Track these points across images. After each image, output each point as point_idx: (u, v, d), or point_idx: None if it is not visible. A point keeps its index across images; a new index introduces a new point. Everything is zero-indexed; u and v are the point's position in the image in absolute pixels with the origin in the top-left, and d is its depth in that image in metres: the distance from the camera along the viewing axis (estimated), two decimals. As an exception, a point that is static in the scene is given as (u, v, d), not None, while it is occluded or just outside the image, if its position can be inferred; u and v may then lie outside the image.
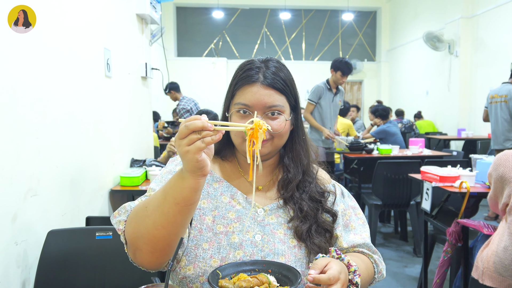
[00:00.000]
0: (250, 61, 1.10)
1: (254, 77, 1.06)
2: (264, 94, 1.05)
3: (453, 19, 8.02)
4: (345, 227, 1.13)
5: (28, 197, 1.60)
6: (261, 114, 1.05)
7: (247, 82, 1.06)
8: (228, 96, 1.11)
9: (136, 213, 0.94)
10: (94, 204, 2.30)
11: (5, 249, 1.47)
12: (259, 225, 1.06)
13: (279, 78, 1.07)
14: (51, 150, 1.79)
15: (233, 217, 1.07)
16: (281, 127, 1.06)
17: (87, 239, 1.58)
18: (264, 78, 1.05)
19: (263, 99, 1.04)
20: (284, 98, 1.08)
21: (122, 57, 2.80)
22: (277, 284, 0.92)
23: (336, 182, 1.23)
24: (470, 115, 7.82)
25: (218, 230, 1.04)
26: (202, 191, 1.03)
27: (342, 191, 1.20)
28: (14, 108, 1.52)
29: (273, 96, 1.05)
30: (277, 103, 1.06)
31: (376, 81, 12.23)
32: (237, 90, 1.08)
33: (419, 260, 3.62)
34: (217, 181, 1.12)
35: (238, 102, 1.06)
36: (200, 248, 1.01)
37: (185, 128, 0.81)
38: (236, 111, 1.06)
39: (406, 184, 3.73)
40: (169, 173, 1.11)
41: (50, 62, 1.79)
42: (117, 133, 2.70)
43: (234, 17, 11.77)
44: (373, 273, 1.10)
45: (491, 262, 1.83)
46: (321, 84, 4.44)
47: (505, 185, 1.88)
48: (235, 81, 1.10)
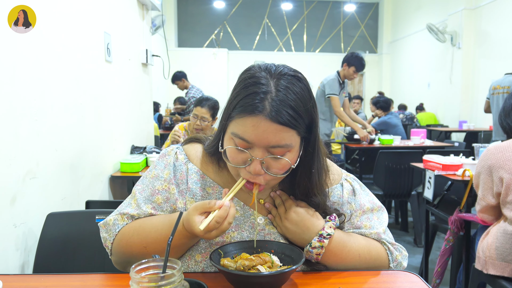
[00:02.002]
0: (256, 76, 0.87)
1: (258, 106, 0.83)
2: (269, 131, 0.84)
3: (456, 10, 7.96)
4: (356, 229, 1.04)
5: (27, 180, 1.58)
6: (261, 152, 0.87)
7: (249, 112, 0.84)
8: (225, 115, 0.92)
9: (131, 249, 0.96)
10: (94, 189, 2.28)
11: (4, 232, 1.45)
12: (258, 235, 0.98)
13: (288, 107, 0.84)
14: (51, 133, 1.77)
15: None
16: (282, 170, 0.90)
17: (86, 222, 1.55)
18: (271, 109, 0.83)
19: (267, 138, 0.85)
20: (294, 133, 0.87)
21: (123, 43, 2.77)
22: (280, 263, 0.91)
23: (348, 175, 1.09)
24: (472, 107, 7.79)
25: (214, 240, 0.96)
26: (195, 197, 1.00)
27: (353, 188, 1.06)
28: (13, 89, 1.49)
29: (279, 134, 0.85)
30: (283, 142, 0.86)
31: (378, 73, 12.18)
32: (235, 115, 0.87)
33: (420, 250, 3.61)
34: (210, 186, 1.01)
35: (236, 133, 0.87)
36: (192, 260, 0.97)
37: (217, 223, 0.83)
38: (232, 144, 0.89)
39: (407, 174, 3.72)
40: (156, 179, 1.01)
41: (49, 44, 1.76)
42: (118, 119, 2.68)
43: (236, 7, 11.69)
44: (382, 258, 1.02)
45: (493, 249, 1.82)
46: (334, 77, 4.37)
47: (493, 172, 1.86)
48: (235, 101, 0.88)
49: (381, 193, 3.81)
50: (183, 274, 0.65)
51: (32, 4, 1.61)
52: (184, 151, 1.05)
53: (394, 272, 0.97)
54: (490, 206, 1.93)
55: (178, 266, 0.65)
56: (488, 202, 1.91)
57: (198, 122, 2.80)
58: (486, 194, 1.92)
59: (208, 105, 2.78)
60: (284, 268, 0.87)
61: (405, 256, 1.05)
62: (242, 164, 0.89)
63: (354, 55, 4.29)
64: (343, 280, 0.92)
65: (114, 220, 1.00)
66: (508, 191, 1.81)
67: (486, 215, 1.97)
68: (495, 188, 1.86)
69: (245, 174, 0.90)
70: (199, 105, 2.81)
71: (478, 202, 1.98)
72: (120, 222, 0.99)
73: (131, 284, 0.63)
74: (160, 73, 4.34)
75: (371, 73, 12.15)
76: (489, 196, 1.90)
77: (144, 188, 1.01)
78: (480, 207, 1.97)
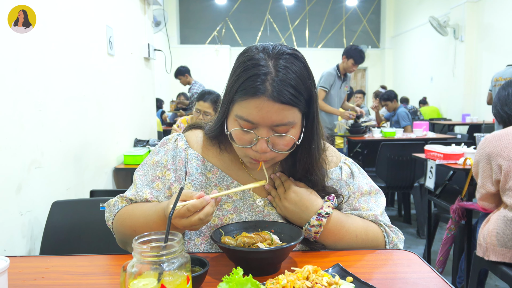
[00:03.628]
0: (255, 58, 0.89)
1: (260, 88, 0.86)
2: (272, 111, 0.86)
3: (459, 3, 7.93)
4: (354, 210, 1.06)
5: (32, 169, 1.60)
6: (266, 131, 0.89)
7: (252, 94, 0.86)
8: (227, 99, 0.94)
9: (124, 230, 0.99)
10: (98, 180, 2.31)
11: (10, 219, 1.48)
12: (257, 216, 1.01)
13: (289, 86, 0.87)
14: (54, 124, 1.80)
15: (229, 208, 1.01)
16: (287, 146, 0.93)
17: (91, 210, 1.58)
18: (272, 90, 0.86)
19: (271, 117, 0.87)
20: (296, 110, 0.89)
21: (125, 37, 2.79)
22: (279, 242, 0.93)
23: (347, 159, 1.11)
24: (475, 101, 7.77)
25: (213, 223, 0.99)
26: (194, 181, 1.02)
27: (352, 171, 1.08)
28: (17, 81, 1.52)
29: (282, 113, 0.87)
30: (286, 120, 0.88)
31: (380, 68, 12.15)
32: (238, 98, 0.89)
33: (423, 242, 3.62)
34: (211, 170, 1.03)
35: (240, 116, 0.89)
36: (192, 244, 0.99)
37: (188, 211, 0.81)
38: (237, 125, 0.91)
39: (409, 166, 3.72)
40: (157, 165, 1.03)
41: (53, 37, 1.79)
42: (120, 112, 2.70)
43: (237, 3, 11.69)
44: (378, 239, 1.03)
45: (493, 235, 1.83)
46: (332, 71, 4.37)
47: (492, 160, 1.88)
48: (237, 84, 0.90)
49: (383, 185, 3.82)
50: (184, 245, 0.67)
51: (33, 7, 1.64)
52: (185, 138, 1.08)
53: (392, 251, 0.99)
54: (490, 194, 1.94)
55: (179, 238, 0.67)
56: (488, 190, 1.93)
57: (201, 117, 2.81)
58: (485, 182, 1.93)
59: (211, 99, 2.79)
60: (283, 245, 0.89)
61: (401, 239, 1.06)
62: (248, 144, 0.92)
63: (353, 48, 4.28)
64: (341, 258, 0.94)
65: (115, 201, 1.04)
66: (507, 178, 1.82)
67: (486, 203, 1.98)
68: (494, 176, 1.87)
69: (252, 154, 0.93)
70: (201, 100, 2.81)
71: (478, 190, 1.99)
72: (119, 204, 1.03)
73: (133, 255, 0.65)
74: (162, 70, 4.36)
75: (374, 67, 12.13)
76: (489, 184, 1.92)
77: (145, 174, 1.04)
78: (480, 195, 1.98)
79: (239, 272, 0.72)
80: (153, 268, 0.63)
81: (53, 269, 0.92)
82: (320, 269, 0.77)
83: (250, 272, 0.75)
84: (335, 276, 0.77)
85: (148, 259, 0.63)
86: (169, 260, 0.64)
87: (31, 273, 0.89)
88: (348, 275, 0.79)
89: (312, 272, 0.76)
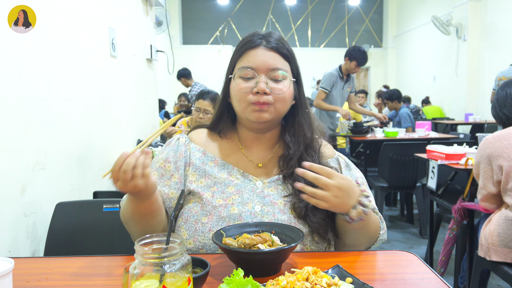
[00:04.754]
0: (250, 36, 1.11)
1: (257, 41, 1.07)
2: (268, 56, 1.06)
3: (461, 2, 7.91)
4: None
5: (36, 170, 1.62)
6: (264, 76, 1.04)
7: (250, 46, 1.07)
8: (231, 65, 1.12)
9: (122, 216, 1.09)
10: (101, 181, 2.33)
11: (15, 221, 1.50)
12: (258, 196, 1.06)
13: (282, 44, 1.08)
14: (58, 125, 1.81)
15: (232, 190, 1.07)
16: (285, 89, 1.06)
17: (94, 211, 1.60)
18: (268, 42, 1.07)
19: (267, 61, 1.05)
20: (288, 65, 1.09)
21: (127, 38, 2.81)
22: (280, 243, 0.94)
23: (341, 154, 1.20)
24: (478, 100, 7.75)
25: (218, 203, 1.05)
26: (198, 170, 1.10)
27: (347, 163, 1.17)
28: (21, 82, 1.53)
29: (277, 58, 1.06)
30: (281, 66, 1.06)
31: (383, 68, 12.14)
32: (240, 55, 1.09)
33: (425, 242, 3.62)
34: (212, 160, 1.12)
35: (241, 66, 1.07)
36: (199, 223, 1.03)
37: (114, 172, 0.91)
38: (239, 75, 1.07)
39: (412, 166, 3.72)
40: (157, 161, 1.14)
41: (56, 39, 1.81)
42: (123, 113, 2.72)
43: (240, 3, 11.70)
44: (379, 228, 1.07)
45: (495, 235, 1.83)
46: (334, 72, 4.34)
47: (492, 161, 1.88)
48: (237, 48, 1.11)
49: (386, 185, 3.82)
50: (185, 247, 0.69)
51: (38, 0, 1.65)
52: (188, 136, 1.19)
53: (392, 252, 0.99)
54: (491, 195, 1.94)
55: (180, 240, 0.68)
56: (489, 191, 1.93)
57: (201, 115, 2.83)
58: (486, 183, 1.93)
59: (210, 98, 2.80)
60: (283, 246, 0.90)
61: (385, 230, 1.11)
62: (249, 90, 1.05)
63: (356, 49, 4.25)
64: (341, 259, 0.95)
65: (124, 197, 1.10)
66: (508, 179, 1.82)
67: (487, 204, 1.99)
68: (495, 177, 1.88)
69: (254, 98, 1.04)
70: (201, 98, 2.83)
71: (479, 191, 1.99)
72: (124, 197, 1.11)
73: (136, 256, 0.66)
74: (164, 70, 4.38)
75: (377, 67, 12.11)
76: (490, 185, 1.92)
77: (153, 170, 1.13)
78: (481, 196, 1.98)
79: (239, 273, 0.73)
80: (154, 269, 0.65)
81: (57, 270, 0.93)
82: (319, 270, 0.78)
83: (251, 273, 0.76)
84: (335, 277, 0.78)
85: (150, 260, 0.64)
86: (171, 261, 0.65)
87: (35, 274, 0.91)
88: (348, 276, 0.80)
89: (311, 273, 0.76)
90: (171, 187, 1.10)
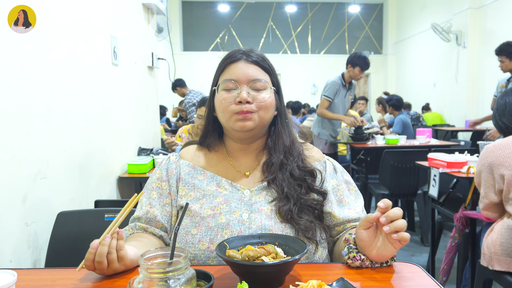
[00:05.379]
0: (231, 52, 1.17)
1: (238, 56, 1.13)
2: (249, 68, 1.11)
3: (461, 9, 7.94)
4: (339, 202, 1.14)
5: (37, 179, 1.62)
6: (245, 88, 1.09)
7: (232, 60, 1.13)
8: (214, 80, 1.17)
9: None
10: (102, 190, 2.32)
11: (16, 230, 1.49)
12: (245, 204, 1.08)
13: (262, 59, 1.15)
14: (60, 134, 1.81)
15: (220, 200, 1.09)
16: (266, 97, 1.10)
17: (96, 221, 1.59)
18: (248, 56, 1.13)
19: (248, 72, 1.11)
20: (268, 77, 1.14)
21: (129, 46, 2.82)
22: (284, 255, 0.93)
23: (329, 157, 1.23)
24: (478, 107, 7.75)
25: (206, 213, 1.07)
26: (188, 184, 1.13)
27: (334, 166, 1.20)
28: (23, 91, 1.54)
29: (257, 70, 1.12)
30: (260, 77, 1.12)
31: (383, 74, 12.17)
32: (222, 70, 1.14)
33: (426, 249, 3.61)
34: (201, 173, 1.16)
35: (224, 79, 1.12)
36: (189, 235, 1.04)
37: (88, 264, 0.91)
38: (222, 88, 1.12)
39: (413, 173, 3.71)
40: (151, 181, 1.18)
41: (58, 47, 1.81)
42: (124, 121, 2.72)
43: (240, 10, 11.76)
44: None
45: (497, 245, 1.83)
46: (337, 80, 4.36)
47: (494, 170, 1.87)
48: (220, 63, 1.17)
49: (387, 193, 3.81)
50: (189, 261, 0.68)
51: (40, 8, 1.66)
52: (178, 154, 1.23)
53: (396, 263, 0.99)
54: (493, 204, 1.93)
55: (185, 254, 0.68)
56: (491, 200, 1.92)
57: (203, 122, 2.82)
58: (488, 192, 1.93)
59: None
60: (287, 258, 0.89)
61: None
62: (232, 100, 1.09)
63: (357, 55, 4.29)
64: (345, 271, 0.94)
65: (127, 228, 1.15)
66: (510, 188, 1.82)
67: (489, 213, 1.98)
68: (497, 186, 1.87)
69: (237, 108, 1.08)
70: (202, 105, 2.85)
71: (481, 200, 1.99)
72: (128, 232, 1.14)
73: (140, 271, 0.65)
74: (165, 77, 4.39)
75: (377, 74, 12.14)
76: (492, 194, 1.91)
77: (145, 191, 1.19)
78: (483, 205, 1.98)
79: (244, 286, 0.73)
80: (159, 284, 0.64)
81: (60, 282, 0.93)
82: (324, 283, 0.77)
83: (255, 286, 0.76)
84: (340, 290, 0.77)
85: (155, 275, 0.64)
86: (175, 276, 0.65)
87: (38, 286, 0.90)
88: (352, 289, 0.80)
89: (316, 287, 0.76)
90: (172, 205, 1.14)
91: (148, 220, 1.13)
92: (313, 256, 1.05)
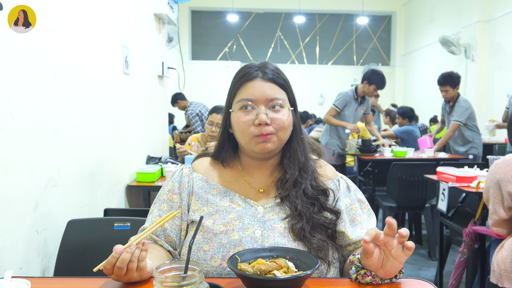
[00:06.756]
0: (248, 64, 1.15)
1: (254, 73, 1.11)
2: (266, 87, 1.09)
3: (470, 23, 7.94)
4: (351, 222, 1.13)
5: (49, 187, 1.63)
6: (264, 106, 1.08)
7: (248, 78, 1.11)
8: (230, 97, 1.15)
9: None
10: (111, 198, 2.33)
11: (27, 237, 1.50)
12: (259, 221, 1.08)
13: (278, 75, 1.12)
14: (71, 142, 1.83)
15: (233, 216, 1.09)
16: (284, 118, 1.09)
17: (105, 229, 1.60)
18: (264, 74, 1.11)
19: (265, 92, 1.09)
20: (285, 94, 1.12)
21: (140, 55, 2.85)
22: (295, 269, 0.93)
23: (343, 175, 1.22)
24: (487, 120, 7.70)
25: (218, 230, 1.06)
26: (201, 199, 1.13)
27: (347, 185, 1.19)
28: (37, 101, 1.56)
29: (274, 89, 1.10)
30: (279, 95, 1.10)
31: (391, 86, 12.14)
32: (238, 88, 1.12)
33: (434, 264, 3.57)
34: (214, 188, 1.15)
35: (240, 98, 1.10)
36: (201, 251, 1.04)
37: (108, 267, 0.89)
38: (239, 108, 1.10)
39: (421, 186, 3.69)
40: (163, 193, 1.18)
41: (71, 57, 1.83)
42: (134, 129, 2.74)
43: (249, 21, 11.83)
44: None
45: (508, 262, 1.81)
46: (349, 93, 4.37)
47: (502, 187, 1.85)
48: (235, 80, 1.14)
49: (394, 205, 3.79)
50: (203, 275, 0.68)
51: (52, 18, 1.68)
52: (191, 166, 1.22)
53: (407, 280, 0.98)
54: (502, 220, 1.92)
55: (199, 268, 0.68)
56: (500, 216, 1.91)
57: (214, 129, 2.86)
58: (497, 208, 1.91)
59: None
60: (299, 273, 0.89)
61: None
62: (251, 122, 1.08)
63: (376, 73, 4.28)
64: (355, 287, 0.94)
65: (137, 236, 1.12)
66: None
67: (499, 229, 1.96)
68: (506, 202, 1.86)
69: (256, 130, 1.07)
70: (214, 112, 2.89)
71: (490, 216, 1.97)
72: None
73: (154, 284, 0.66)
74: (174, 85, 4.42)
75: (384, 85, 12.11)
76: (500, 210, 1.90)
77: (156, 202, 1.19)
78: (493, 221, 1.96)
79: (256, 301, 0.73)
80: (174, 298, 0.64)
81: (71, 292, 0.93)
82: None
83: (267, 301, 0.76)
84: (352, 307, 0.77)
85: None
86: (190, 290, 0.65)
87: (50, 296, 0.91)
88: (365, 306, 0.79)
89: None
90: (182, 218, 1.14)
91: (158, 232, 1.13)
92: (325, 276, 1.04)
